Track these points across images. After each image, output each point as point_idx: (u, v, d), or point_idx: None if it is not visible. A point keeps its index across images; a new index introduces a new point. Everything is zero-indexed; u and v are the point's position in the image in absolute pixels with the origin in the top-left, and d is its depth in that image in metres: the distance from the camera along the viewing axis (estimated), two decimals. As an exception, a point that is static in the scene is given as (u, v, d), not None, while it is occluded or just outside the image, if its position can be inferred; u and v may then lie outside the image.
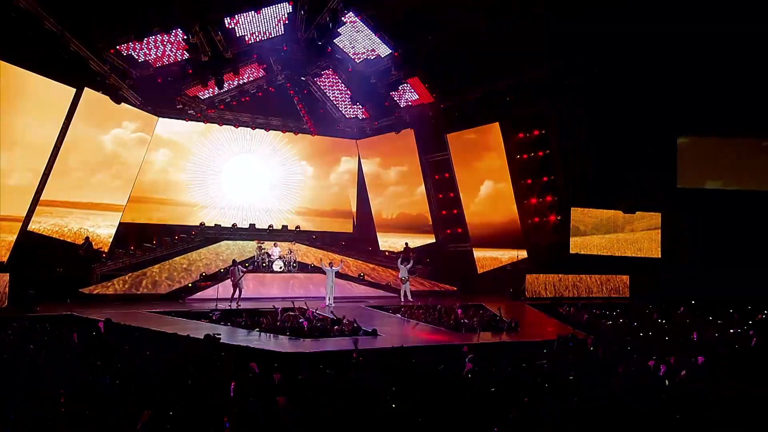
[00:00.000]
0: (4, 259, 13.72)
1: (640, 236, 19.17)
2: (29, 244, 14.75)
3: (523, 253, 18.87)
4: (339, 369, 7.74)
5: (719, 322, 11.81)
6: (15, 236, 14.26)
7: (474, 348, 9.45)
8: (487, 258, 19.54)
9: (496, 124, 19.23)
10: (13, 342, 8.92)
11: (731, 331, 10.73)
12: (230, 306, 13.84)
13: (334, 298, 15.31)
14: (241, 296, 14.52)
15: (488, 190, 20.07)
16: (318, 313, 12.52)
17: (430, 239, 21.01)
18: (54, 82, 14.73)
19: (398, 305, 15.17)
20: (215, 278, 16.25)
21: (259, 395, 5.80)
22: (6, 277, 12.57)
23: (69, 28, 13.84)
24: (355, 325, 11.55)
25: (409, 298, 15.98)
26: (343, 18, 15.64)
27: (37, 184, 14.87)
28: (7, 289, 12.47)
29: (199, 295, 15.77)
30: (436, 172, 21.00)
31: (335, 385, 6.74)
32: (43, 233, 15.43)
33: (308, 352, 9.53)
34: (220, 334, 10.13)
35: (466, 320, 12.68)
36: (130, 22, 14.59)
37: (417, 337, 11.33)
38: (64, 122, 15.18)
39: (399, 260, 17.18)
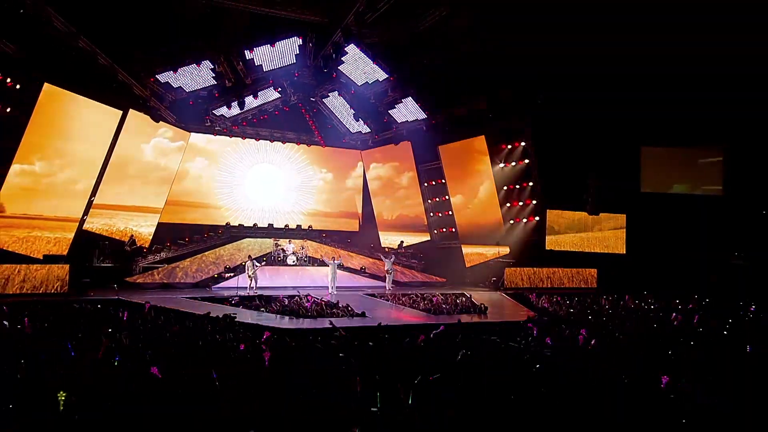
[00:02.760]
0: (65, 253, 15.11)
1: (607, 234, 19.95)
2: (84, 240, 16.13)
3: (505, 250, 19.80)
4: (325, 340, 9.12)
5: (653, 307, 12.83)
6: (73, 234, 15.67)
7: (445, 326, 10.71)
8: (473, 253, 20.42)
9: (482, 137, 20.19)
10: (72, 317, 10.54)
11: (653, 315, 11.81)
12: (248, 293, 14.99)
13: (337, 287, 16.27)
14: (257, 285, 15.56)
15: (475, 195, 20.93)
16: (318, 299, 13.74)
17: (425, 237, 22.07)
18: (105, 105, 16.15)
19: (389, 293, 16.27)
20: (237, 270, 17.25)
21: (254, 353, 7.27)
22: (66, 267, 13.79)
23: (117, 62, 15.23)
24: (349, 308, 12.93)
25: (389, 287, 17.13)
26: (345, 49, 16.52)
27: (91, 190, 16.30)
28: (67, 278, 13.67)
29: (223, 284, 16.77)
30: (430, 179, 22.00)
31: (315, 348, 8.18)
32: (96, 231, 16.79)
33: (306, 328, 10.88)
34: (236, 314, 11.56)
35: (443, 305, 13.96)
36: (167, 56, 15.78)
37: (397, 318, 12.54)
38: (112, 139, 16.57)
39: (384, 254, 18.37)
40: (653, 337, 8.78)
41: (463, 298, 15.41)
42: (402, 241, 21.54)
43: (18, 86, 14.40)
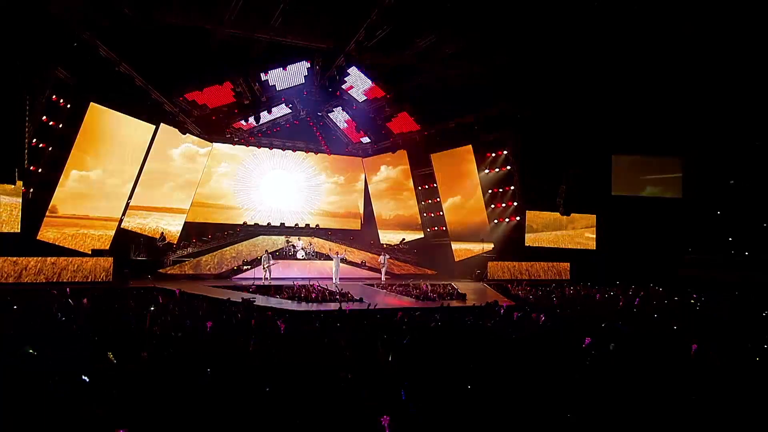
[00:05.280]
0: (107, 248, 16.61)
1: (579, 233, 21.22)
2: (123, 237, 17.56)
3: (489, 246, 21.15)
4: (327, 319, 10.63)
5: (612, 293, 14.28)
6: (114, 231, 17.17)
7: (427, 309, 12.18)
8: (461, 249, 21.64)
9: (470, 146, 21.35)
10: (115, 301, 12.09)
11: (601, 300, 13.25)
12: (263, 283, 16.37)
13: (340, 278, 17.61)
14: (271, 276, 16.92)
15: (463, 197, 22.10)
16: (322, 287, 15.17)
17: (419, 235, 23.34)
18: (140, 120, 17.57)
19: (385, 283, 17.74)
20: (254, 263, 18.71)
21: (272, 325, 8.80)
22: (110, 260, 15.23)
23: (151, 83, 16.77)
24: (349, 295, 14.42)
25: (382, 278, 18.47)
26: (347, 71, 17.95)
27: (128, 194, 17.76)
28: (111, 268, 15.11)
29: (241, 275, 18.18)
30: (424, 183, 23.18)
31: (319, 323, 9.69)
32: (132, 229, 18.19)
33: (312, 310, 12.38)
34: (255, 299, 13.10)
35: (430, 293, 15.40)
36: (194, 78, 17.31)
37: (389, 303, 14.01)
38: (147, 149, 17.97)
39: (383, 250, 19.76)
40: (592, 316, 10.23)
41: (449, 287, 16.80)
42: (404, 238, 22.90)
43: (68, 105, 15.98)
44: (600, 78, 17.74)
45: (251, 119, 19.48)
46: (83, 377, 5.54)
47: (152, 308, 10.83)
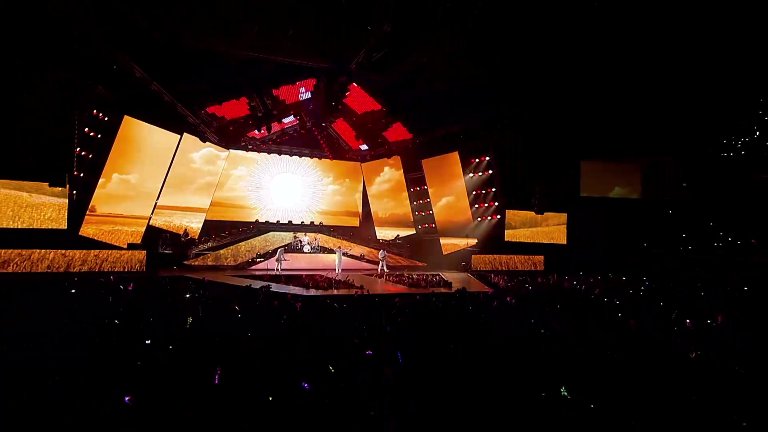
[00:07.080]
0: (139, 242, 18.07)
1: (553, 229, 22.76)
2: (152, 232, 18.89)
3: (473, 241, 22.70)
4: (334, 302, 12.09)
5: (575, 283, 15.81)
6: (144, 228, 18.55)
7: (417, 294, 13.65)
8: (449, 244, 22.97)
9: (456, 153, 22.73)
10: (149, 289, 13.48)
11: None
12: (275, 273, 17.76)
13: (342, 269, 19.05)
14: (282, 268, 18.43)
15: (451, 198, 23.41)
16: (327, 277, 16.67)
17: (412, 231, 24.61)
18: (166, 131, 18.93)
19: (381, 274, 19.18)
20: (266, 256, 20.12)
21: (290, 305, 10.27)
22: (144, 252, 16.60)
23: (177, 99, 18.08)
24: (350, 283, 15.87)
25: (385, 270, 19.61)
26: (348, 87, 19.40)
27: (157, 195, 19.15)
28: (144, 260, 16.49)
29: (255, 267, 19.51)
30: (415, 186, 24.47)
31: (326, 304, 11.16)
32: (159, 226, 19.54)
33: (318, 295, 13.84)
34: (271, 285, 14.51)
35: (421, 282, 16.88)
36: (214, 94, 18.60)
37: (385, 289, 15.48)
38: (172, 156, 19.33)
39: (380, 246, 21.10)
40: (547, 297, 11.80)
41: (437, 277, 18.28)
42: (398, 234, 24.30)
43: (106, 118, 17.31)
44: (571, 95, 19.16)
45: (263, 129, 20.69)
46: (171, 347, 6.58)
47: (187, 296, 12.30)
